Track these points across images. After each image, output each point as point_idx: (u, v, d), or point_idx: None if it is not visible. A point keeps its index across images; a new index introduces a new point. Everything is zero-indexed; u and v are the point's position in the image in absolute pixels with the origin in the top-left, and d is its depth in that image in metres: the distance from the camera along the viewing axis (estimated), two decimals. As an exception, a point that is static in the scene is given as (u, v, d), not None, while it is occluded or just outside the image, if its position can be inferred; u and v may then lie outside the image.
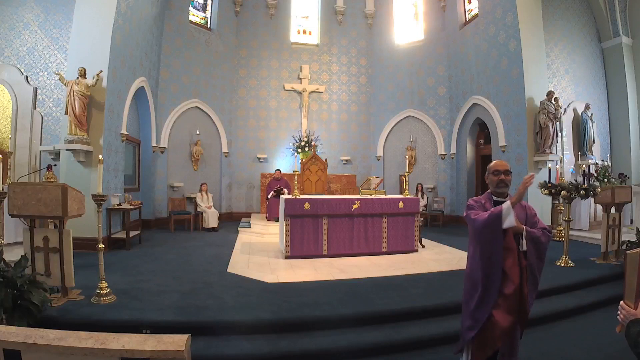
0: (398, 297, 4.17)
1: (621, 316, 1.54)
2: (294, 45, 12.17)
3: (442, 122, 11.33)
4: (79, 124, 6.31)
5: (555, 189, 5.97)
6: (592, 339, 3.53)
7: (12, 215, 3.84)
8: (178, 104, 10.25)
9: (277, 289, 4.43)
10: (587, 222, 8.26)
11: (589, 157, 9.32)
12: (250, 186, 11.58)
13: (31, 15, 7.67)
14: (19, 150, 7.21)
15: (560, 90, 9.63)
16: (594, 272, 5.18)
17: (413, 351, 3.38)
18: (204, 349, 3.12)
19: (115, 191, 7.24)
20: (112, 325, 3.26)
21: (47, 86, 7.66)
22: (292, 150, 11.66)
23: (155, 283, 4.58)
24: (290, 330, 3.50)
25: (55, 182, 5.50)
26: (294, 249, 6.14)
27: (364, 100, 12.50)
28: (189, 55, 10.44)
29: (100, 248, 3.95)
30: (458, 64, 10.74)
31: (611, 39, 10.22)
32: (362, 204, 6.42)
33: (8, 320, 2.97)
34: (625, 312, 1.52)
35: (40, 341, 1.30)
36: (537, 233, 2.41)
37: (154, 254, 6.39)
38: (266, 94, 11.90)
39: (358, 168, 12.25)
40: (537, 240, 2.38)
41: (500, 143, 9.00)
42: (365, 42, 12.49)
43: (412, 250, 6.67)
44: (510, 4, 8.47)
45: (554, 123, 7.96)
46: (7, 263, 3.37)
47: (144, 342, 1.29)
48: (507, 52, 8.68)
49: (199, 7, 10.99)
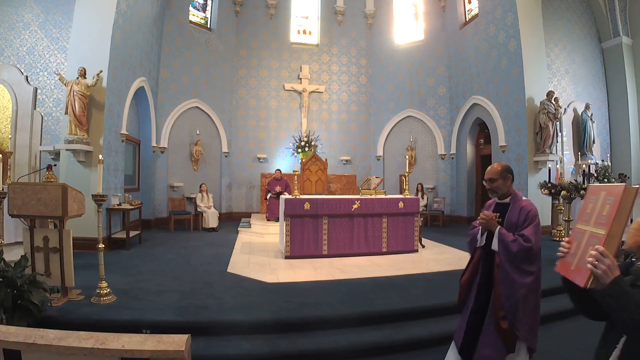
0: (398, 297, 4.17)
1: (602, 267, 1.15)
2: (294, 45, 12.17)
3: (442, 122, 11.33)
4: (79, 124, 6.31)
5: (555, 189, 5.97)
6: (592, 339, 3.52)
7: (12, 215, 3.84)
8: (178, 104, 10.25)
9: (277, 289, 4.43)
10: (587, 222, 8.24)
11: (589, 157, 9.32)
12: (250, 186, 11.58)
13: (31, 15, 7.67)
14: (19, 150, 7.21)
15: (560, 90, 9.64)
16: (594, 272, 5.17)
17: (413, 351, 3.38)
18: (204, 349, 3.12)
19: (115, 191, 7.24)
20: (112, 325, 3.26)
21: (47, 86, 7.66)
22: (292, 150, 11.66)
23: (155, 283, 4.58)
24: (290, 330, 3.50)
25: (55, 182, 5.50)
26: (294, 249, 6.14)
27: (364, 100, 12.49)
28: (189, 55, 10.44)
29: (100, 248, 3.95)
30: (458, 64, 10.74)
31: (611, 39, 10.23)
32: (362, 204, 6.42)
33: (8, 320, 2.97)
34: (609, 262, 1.15)
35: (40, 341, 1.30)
36: (508, 237, 2.30)
37: (154, 254, 6.39)
38: (266, 94, 11.90)
39: (358, 168, 12.25)
40: (506, 244, 2.30)
41: (500, 143, 8.99)
42: (365, 42, 12.49)
43: (412, 250, 6.67)
44: (510, 4, 8.47)
45: (554, 123, 7.96)
46: (7, 263, 3.37)
47: (144, 342, 1.30)
48: (507, 52, 8.68)
49: (199, 7, 10.99)
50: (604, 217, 1.26)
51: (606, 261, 1.16)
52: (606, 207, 1.27)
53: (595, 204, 1.34)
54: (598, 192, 1.36)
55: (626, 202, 1.21)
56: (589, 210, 1.38)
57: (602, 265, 1.16)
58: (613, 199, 1.25)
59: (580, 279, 1.24)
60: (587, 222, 1.36)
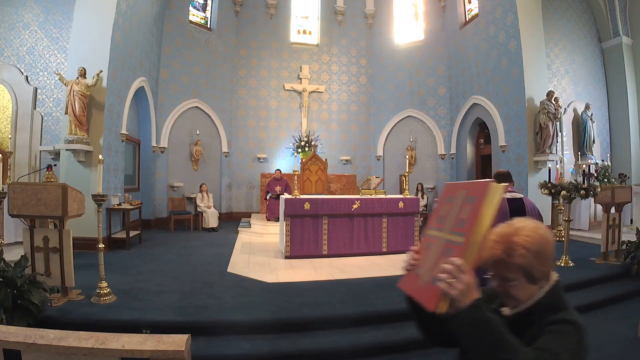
0: (398, 297, 4.17)
1: (458, 286, 0.90)
2: (294, 45, 12.17)
3: (442, 122, 11.33)
4: (79, 124, 6.31)
5: (555, 189, 5.96)
6: (592, 339, 3.53)
7: (12, 215, 3.84)
8: (178, 104, 10.25)
9: (277, 289, 4.43)
10: (587, 222, 8.26)
11: (589, 157, 9.32)
12: (250, 186, 11.58)
13: (31, 15, 7.66)
14: (19, 150, 7.21)
15: (560, 90, 9.63)
16: (594, 272, 5.18)
17: (413, 351, 3.37)
18: (204, 349, 3.12)
19: (115, 191, 7.23)
20: (112, 325, 3.26)
21: (47, 86, 7.65)
22: (292, 150, 11.66)
23: (155, 283, 4.58)
24: (290, 330, 3.50)
25: (55, 182, 5.50)
26: (294, 249, 6.13)
27: (364, 100, 12.49)
28: (189, 55, 10.44)
29: (100, 248, 3.95)
30: (458, 64, 10.74)
31: (611, 39, 10.22)
32: (362, 204, 6.42)
33: (8, 320, 2.97)
34: (467, 280, 0.91)
35: (40, 341, 1.30)
36: None
37: (154, 254, 6.39)
38: (266, 94, 11.90)
39: (358, 168, 12.25)
40: None
41: (500, 143, 8.99)
42: (365, 42, 12.49)
43: (412, 250, 6.65)
44: (510, 4, 8.46)
45: (554, 123, 7.96)
46: (7, 263, 3.37)
47: (144, 342, 1.29)
48: (507, 52, 8.68)
49: (199, 7, 10.99)
50: (463, 221, 1.00)
51: (464, 278, 0.90)
52: (466, 208, 1.01)
53: (452, 205, 1.08)
54: (456, 191, 1.10)
55: (491, 202, 0.97)
56: (444, 212, 1.10)
57: (458, 284, 0.90)
58: (475, 198, 1.00)
59: (429, 300, 0.97)
60: (441, 228, 1.08)
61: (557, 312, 1.02)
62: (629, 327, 3.72)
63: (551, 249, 1.04)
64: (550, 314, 1.02)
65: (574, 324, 0.98)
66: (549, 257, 1.04)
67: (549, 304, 1.04)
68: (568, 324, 0.98)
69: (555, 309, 1.03)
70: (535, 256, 1.00)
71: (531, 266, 1.01)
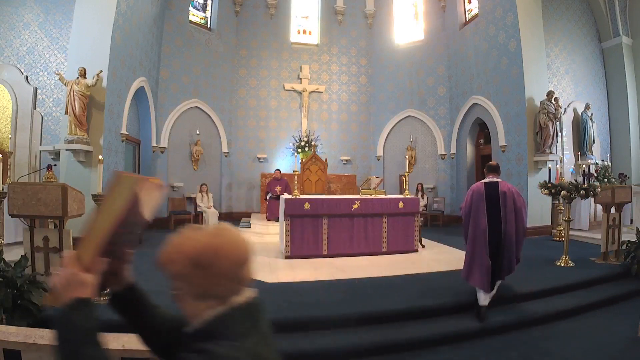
0: (398, 297, 4.17)
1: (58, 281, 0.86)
2: (294, 45, 12.17)
3: (442, 122, 11.32)
4: (79, 124, 6.31)
5: (555, 189, 5.96)
6: (592, 339, 3.53)
7: (12, 215, 3.84)
8: (178, 103, 10.25)
9: (277, 289, 4.43)
10: (587, 222, 8.25)
11: (589, 157, 9.31)
12: (250, 186, 11.58)
13: (31, 15, 7.66)
14: (19, 150, 7.21)
15: (560, 90, 9.63)
16: (594, 272, 5.18)
17: (413, 351, 3.37)
18: (204, 349, 3.11)
19: (115, 191, 7.22)
20: (112, 325, 3.25)
21: (47, 86, 7.65)
22: (292, 150, 11.66)
23: (155, 283, 4.55)
24: (290, 330, 3.49)
25: (55, 182, 5.50)
26: (294, 249, 6.13)
27: (364, 100, 12.49)
28: (189, 55, 10.44)
29: (100, 248, 3.94)
30: (458, 64, 10.74)
31: (611, 39, 10.22)
32: (362, 204, 6.42)
33: (8, 320, 2.96)
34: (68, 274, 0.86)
35: (40, 341, 1.30)
36: None
37: (154, 254, 6.36)
38: (266, 93, 11.90)
39: (358, 168, 12.24)
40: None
41: (500, 143, 8.99)
42: (365, 42, 12.48)
43: (412, 250, 6.66)
44: (510, 4, 8.46)
45: (554, 123, 7.96)
46: (7, 263, 3.37)
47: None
48: (507, 52, 8.68)
49: (199, 7, 10.99)
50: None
51: (64, 271, 0.84)
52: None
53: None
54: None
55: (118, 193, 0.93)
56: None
57: (58, 278, 0.85)
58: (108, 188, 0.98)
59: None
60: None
61: (218, 341, 0.80)
62: (629, 327, 3.72)
63: (226, 265, 0.88)
64: (206, 341, 0.81)
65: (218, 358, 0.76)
66: (223, 275, 0.88)
67: (212, 330, 0.85)
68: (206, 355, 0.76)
69: (218, 337, 0.82)
70: (196, 268, 0.87)
71: (190, 278, 0.89)
